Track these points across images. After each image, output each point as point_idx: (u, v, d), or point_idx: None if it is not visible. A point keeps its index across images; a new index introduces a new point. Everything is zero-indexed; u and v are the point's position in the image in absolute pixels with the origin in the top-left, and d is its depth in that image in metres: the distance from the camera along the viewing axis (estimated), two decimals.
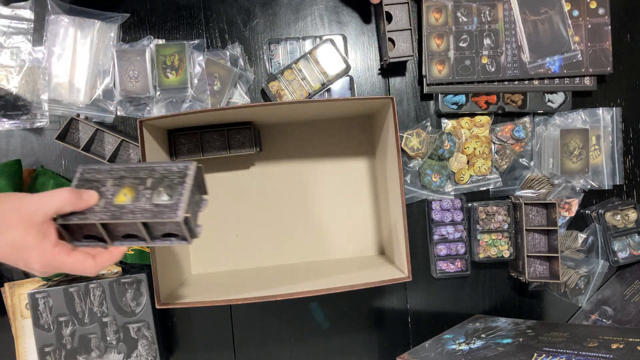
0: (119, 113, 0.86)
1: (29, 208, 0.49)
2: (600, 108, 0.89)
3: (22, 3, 0.84)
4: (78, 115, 0.82)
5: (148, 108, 0.85)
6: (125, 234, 0.55)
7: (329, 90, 0.86)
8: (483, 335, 0.77)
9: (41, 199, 0.50)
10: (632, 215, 0.88)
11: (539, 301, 0.92)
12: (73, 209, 0.52)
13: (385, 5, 0.82)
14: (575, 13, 0.86)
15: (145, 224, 0.53)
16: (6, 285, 0.84)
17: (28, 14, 0.85)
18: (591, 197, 0.92)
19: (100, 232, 0.54)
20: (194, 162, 0.57)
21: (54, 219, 0.52)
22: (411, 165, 0.89)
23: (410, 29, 0.82)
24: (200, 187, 0.59)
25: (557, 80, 0.87)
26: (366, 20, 0.89)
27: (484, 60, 0.86)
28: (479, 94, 0.87)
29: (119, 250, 0.55)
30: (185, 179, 0.55)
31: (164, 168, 0.56)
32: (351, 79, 0.87)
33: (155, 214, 0.53)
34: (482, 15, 0.85)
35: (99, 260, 0.54)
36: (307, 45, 0.87)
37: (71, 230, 0.54)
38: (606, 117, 0.89)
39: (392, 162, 0.73)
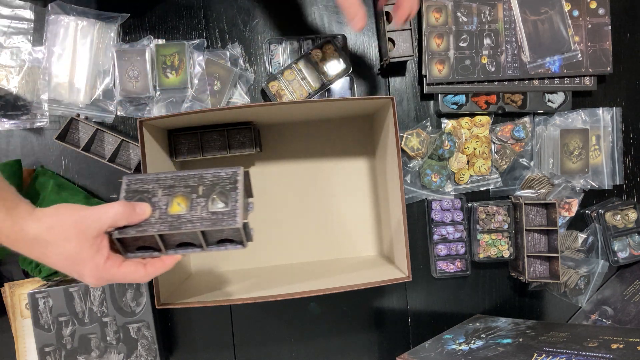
0: (119, 113, 0.86)
1: (85, 221, 0.49)
2: (600, 108, 0.89)
3: (21, 3, 0.84)
4: (78, 115, 0.82)
5: (148, 108, 0.85)
6: (179, 243, 0.56)
7: (329, 90, 0.86)
8: (483, 335, 0.77)
9: (96, 212, 0.50)
10: (632, 215, 0.88)
11: (539, 301, 0.92)
12: (127, 222, 0.52)
13: (385, 5, 0.82)
14: (576, 13, 0.86)
15: (202, 232, 0.54)
16: (6, 285, 0.84)
17: (28, 14, 0.85)
18: (591, 197, 0.92)
19: (156, 243, 0.54)
20: (241, 167, 0.57)
21: (109, 233, 0.52)
22: (411, 165, 0.89)
23: (410, 29, 0.82)
24: (247, 191, 0.60)
25: (557, 80, 0.87)
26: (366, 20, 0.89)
27: (484, 60, 0.86)
28: (479, 93, 0.87)
29: (172, 259, 0.55)
30: (236, 184, 0.56)
31: (213, 175, 0.57)
32: (351, 79, 0.87)
33: (214, 222, 0.53)
34: (482, 15, 0.85)
35: (150, 269, 0.54)
36: (307, 45, 0.87)
37: (125, 242, 0.54)
38: (606, 117, 0.89)
39: (392, 162, 0.73)
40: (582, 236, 0.89)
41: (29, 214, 0.48)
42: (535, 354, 0.65)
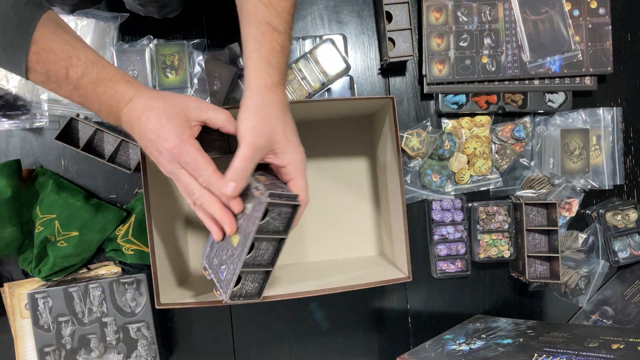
0: None
1: (188, 106, 0.54)
2: (601, 108, 0.89)
3: None
4: (78, 115, 0.82)
5: None
6: (271, 259, 0.60)
7: (329, 90, 0.86)
8: (483, 336, 0.77)
9: (207, 110, 0.55)
10: (633, 215, 0.88)
11: (539, 301, 0.92)
12: (226, 130, 0.57)
13: (385, 4, 0.82)
14: (576, 13, 0.86)
15: (260, 231, 0.56)
16: (6, 285, 0.84)
17: None
18: (592, 197, 0.92)
19: (256, 271, 0.59)
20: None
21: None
22: (411, 165, 0.89)
23: (411, 29, 0.82)
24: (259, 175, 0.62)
25: (557, 80, 0.87)
26: (366, 19, 0.89)
27: (484, 60, 0.85)
28: (479, 93, 0.87)
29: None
30: (250, 185, 0.57)
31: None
32: (351, 79, 0.87)
33: (254, 218, 0.55)
34: (482, 14, 0.85)
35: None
36: (307, 45, 0.87)
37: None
38: (607, 117, 0.89)
39: (392, 162, 0.73)
40: (582, 236, 0.89)
41: (140, 95, 0.54)
42: (536, 354, 0.65)
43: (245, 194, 0.58)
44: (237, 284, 0.59)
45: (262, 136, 0.54)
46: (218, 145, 0.80)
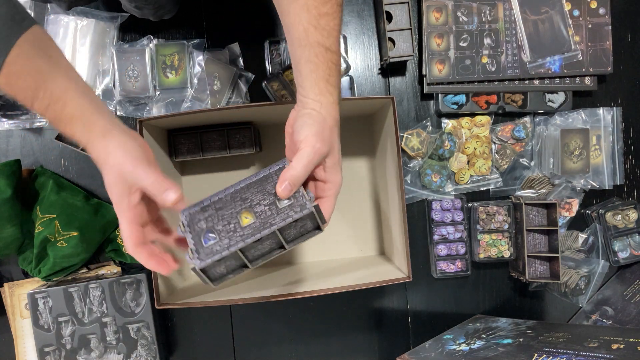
0: (118, 113, 0.85)
1: (127, 175, 0.52)
2: (601, 108, 0.89)
3: (21, 2, 0.84)
4: None
5: (148, 108, 0.85)
6: (260, 255, 0.57)
7: None
8: (483, 336, 0.77)
9: (138, 179, 0.52)
10: (633, 215, 0.88)
11: (539, 301, 0.92)
12: (159, 200, 0.53)
13: (385, 4, 0.82)
14: (576, 13, 0.86)
15: (280, 230, 0.54)
16: (6, 285, 0.84)
17: None
18: (592, 197, 0.92)
19: (240, 260, 0.55)
20: (285, 159, 0.56)
21: (198, 269, 0.54)
22: (411, 165, 0.89)
23: (411, 29, 0.82)
24: None
25: (557, 80, 0.87)
26: (366, 19, 0.89)
27: (485, 60, 0.85)
28: (479, 93, 0.87)
29: (171, 266, 0.55)
30: None
31: (265, 175, 0.56)
32: (351, 79, 0.87)
33: (286, 215, 0.53)
34: (482, 14, 0.85)
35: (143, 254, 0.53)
36: None
37: (207, 270, 0.55)
38: (606, 117, 0.89)
39: (392, 162, 0.73)
40: (582, 236, 0.89)
41: (93, 143, 0.53)
42: (536, 354, 0.65)
43: (266, 188, 0.56)
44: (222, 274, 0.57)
45: (325, 144, 0.53)
46: (218, 145, 0.81)
